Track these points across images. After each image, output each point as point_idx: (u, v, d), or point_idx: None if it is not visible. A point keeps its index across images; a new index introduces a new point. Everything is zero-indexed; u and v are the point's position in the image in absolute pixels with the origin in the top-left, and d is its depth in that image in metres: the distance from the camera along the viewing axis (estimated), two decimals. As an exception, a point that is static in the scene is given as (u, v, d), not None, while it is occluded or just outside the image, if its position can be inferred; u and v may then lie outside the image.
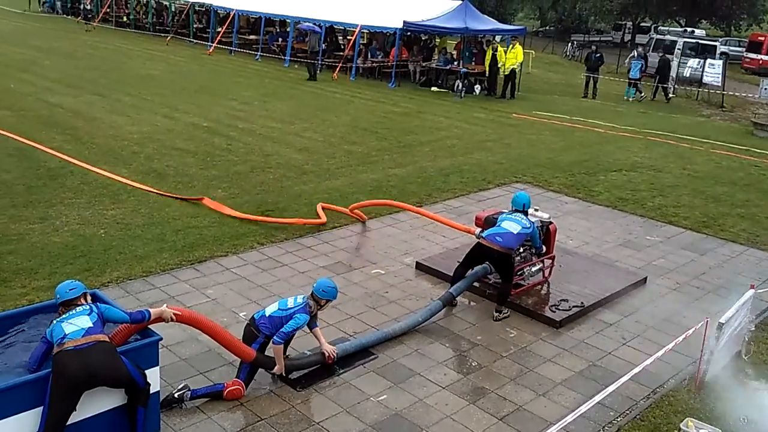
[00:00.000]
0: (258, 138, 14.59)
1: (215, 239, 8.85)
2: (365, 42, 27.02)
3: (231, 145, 13.76)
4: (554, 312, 7.39)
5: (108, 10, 37.43)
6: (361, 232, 9.64)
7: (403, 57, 24.78)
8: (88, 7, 39.12)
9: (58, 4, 44.02)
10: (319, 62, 24.99)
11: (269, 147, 13.88)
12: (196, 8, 32.23)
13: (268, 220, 9.57)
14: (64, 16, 41.62)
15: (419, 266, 8.51)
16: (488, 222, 7.79)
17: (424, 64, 24.94)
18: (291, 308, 5.69)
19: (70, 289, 4.82)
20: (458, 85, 22.14)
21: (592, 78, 24.96)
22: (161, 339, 5.14)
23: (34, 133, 13.44)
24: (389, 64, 24.25)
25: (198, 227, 9.22)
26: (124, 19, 37.44)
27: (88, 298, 4.93)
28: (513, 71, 22.28)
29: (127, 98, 17.89)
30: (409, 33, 24.68)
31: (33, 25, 36.23)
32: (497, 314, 7.29)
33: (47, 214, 9.33)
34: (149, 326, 5.15)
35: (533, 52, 33.06)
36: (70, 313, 4.69)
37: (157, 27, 34.84)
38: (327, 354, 6.00)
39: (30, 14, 42.34)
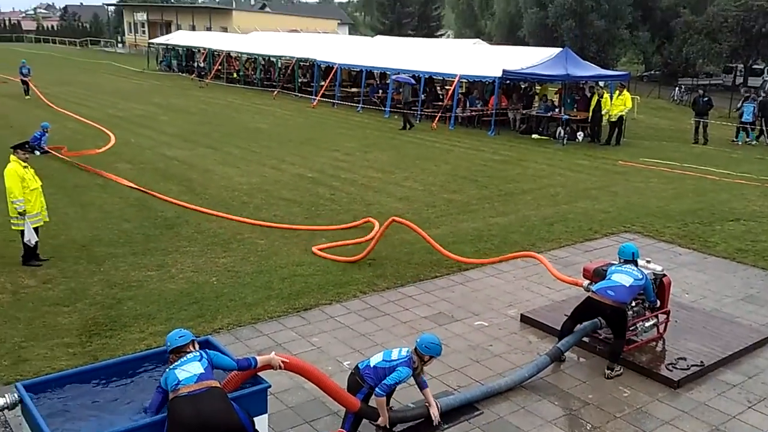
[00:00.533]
0: (360, 188, 14.92)
1: (320, 287, 9.05)
2: (464, 91, 27.28)
3: (334, 195, 14.14)
4: (671, 371, 6.99)
5: (219, 67, 39.93)
6: (463, 282, 9.57)
7: (503, 105, 24.81)
8: (202, 65, 41.85)
9: (174, 62, 47.40)
10: (418, 112, 25.44)
11: (370, 196, 14.15)
12: (301, 63, 33.77)
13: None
14: (180, 73, 44.68)
15: (524, 319, 8.32)
16: (597, 274, 7.55)
17: (524, 112, 24.84)
18: (395, 360, 5.67)
19: (179, 337, 5.04)
20: (560, 132, 21.85)
21: (701, 123, 23.96)
22: (270, 386, 5.26)
23: (152, 185, 14.36)
24: (488, 112, 24.32)
25: (303, 275, 9.47)
26: (234, 75, 39.77)
27: (196, 345, 5.12)
28: (620, 117, 21.79)
29: (237, 151, 18.83)
30: (508, 81, 24.73)
31: (152, 83, 39.07)
32: (609, 372, 6.98)
33: (164, 262, 9.87)
34: (258, 373, 5.28)
35: (638, 97, 32.18)
36: (182, 360, 4.88)
37: (265, 82, 36.77)
38: (433, 413, 5.91)
39: (149, 73, 45.75)
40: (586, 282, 7.58)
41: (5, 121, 22.42)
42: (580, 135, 22.35)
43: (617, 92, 22.09)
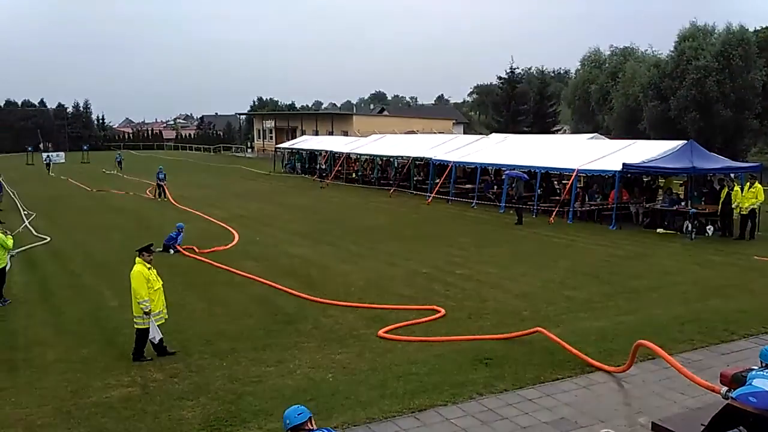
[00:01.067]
0: (475, 283, 14.76)
1: (435, 387, 8.87)
2: (582, 185, 26.83)
3: (449, 291, 14.05)
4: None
5: (340, 168, 41.78)
6: (587, 386, 9.06)
7: (624, 199, 24.09)
8: (323, 167, 43.94)
9: (298, 165, 50.12)
10: (534, 207, 25.19)
11: (486, 292, 13.95)
12: (417, 162, 34.69)
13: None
14: (303, 175, 47.10)
15: (656, 428, 7.69)
16: (736, 380, 6.92)
17: (647, 205, 23.96)
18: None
19: (298, 414, 5.12)
20: (688, 226, 20.80)
21: None
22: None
23: (274, 280, 14.90)
24: (609, 206, 23.66)
25: (418, 374, 9.34)
26: (353, 175, 41.41)
27: (314, 422, 5.17)
28: (752, 210, 20.53)
29: (354, 247, 19.32)
30: (629, 174, 24.11)
31: (277, 184, 41.38)
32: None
33: (283, 357, 10.09)
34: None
35: (773, 187, 30.27)
36: None
37: (382, 181, 37.98)
38: None
39: (274, 175, 48.57)
40: (724, 389, 6.96)
41: (144, 223, 24.35)
42: (710, 229, 21.17)
43: (748, 184, 20.91)
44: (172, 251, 18.37)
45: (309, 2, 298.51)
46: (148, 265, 10.17)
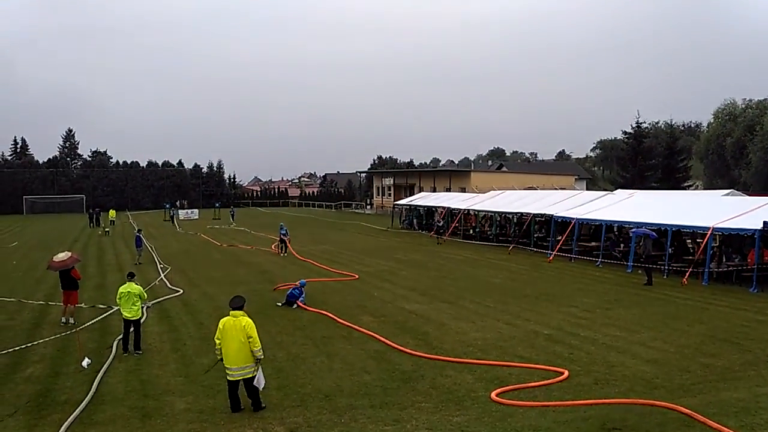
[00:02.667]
0: (600, 347, 14.09)
1: (558, 456, 8.45)
2: (717, 244, 25.19)
3: (573, 354, 13.48)
4: None
5: (457, 224, 41.75)
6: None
7: (766, 259, 22.34)
8: (440, 223, 44.06)
9: (415, 221, 50.63)
10: (665, 267, 23.87)
11: (613, 357, 13.26)
12: (537, 219, 34.04)
13: None
14: (420, 231, 47.46)
15: None
16: None
17: (793, 267, 22.08)
18: None
19: None
20: (843, 290, 18.91)
21: None
22: None
23: (391, 337, 14.96)
24: (749, 267, 22.00)
25: (540, 441, 8.94)
26: (471, 231, 41.21)
27: None
28: None
29: (471, 305, 19.06)
30: (771, 233, 22.40)
31: (394, 240, 41.89)
32: None
33: (400, 417, 10.02)
34: None
35: None
36: None
37: (500, 237, 37.51)
38: None
39: (391, 231, 49.26)
40: None
41: (267, 276, 25.32)
42: None
43: None
44: (294, 306, 18.93)
45: (427, 59, 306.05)
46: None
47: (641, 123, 66.45)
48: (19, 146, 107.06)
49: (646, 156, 64.77)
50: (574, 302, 19.28)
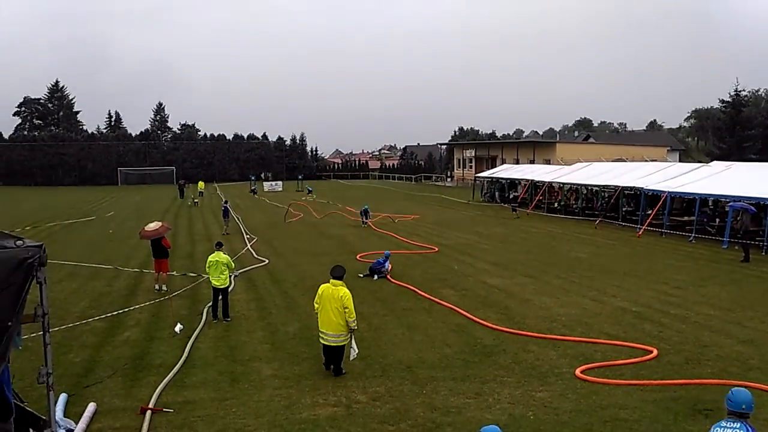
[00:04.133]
0: (692, 326, 13.58)
1: (646, 437, 8.25)
2: (825, 220, 23.65)
3: (662, 333, 13.06)
4: None
5: (541, 197, 40.96)
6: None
7: None
8: (511, 195, 43.12)
9: (497, 194, 49.98)
10: (764, 244, 22.66)
11: (706, 337, 12.75)
12: (626, 192, 32.92)
13: None
14: (502, 204, 46.83)
15: None
16: None
17: None
18: None
19: None
20: None
21: None
22: None
23: (472, 311, 14.93)
24: None
25: (627, 420, 8.75)
26: (555, 205, 40.35)
27: None
28: None
29: (556, 281, 18.74)
30: None
31: (474, 213, 41.57)
32: None
33: (481, 390, 10.02)
34: None
35: None
36: None
37: (586, 211, 36.55)
38: None
39: (473, 204, 48.87)
40: None
41: (348, 247, 25.67)
42: None
43: None
44: (376, 276, 19.14)
45: (512, 26, 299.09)
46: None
47: (740, 91, 62.90)
48: (113, 120, 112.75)
49: (745, 126, 61.40)
50: (665, 279, 18.64)
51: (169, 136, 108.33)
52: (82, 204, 54.04)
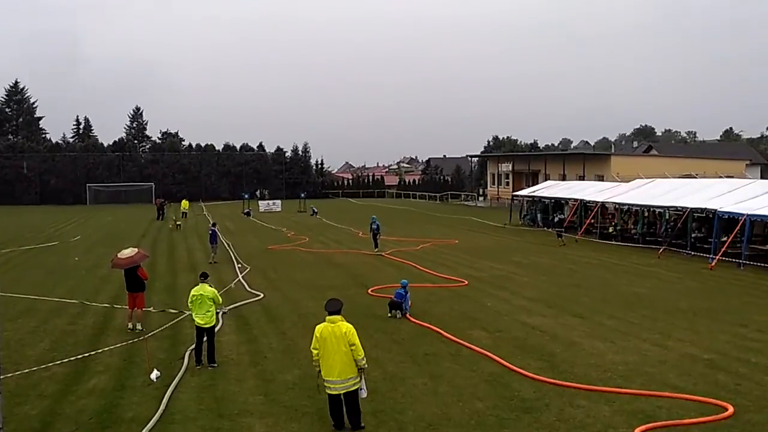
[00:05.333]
0: (779, 378, 13.41)
1: None
2: None
3: (740, 386, 12.91)
4: None
5: (592, 220, 40.82)
6: None
7: None
8: (557, 218, 43.00)
9: (539, 216, 49.91)
10: None
11: (795, 391, 12.58)
12: (696, 215, 32.74)
13: None
14: (545, 228, 46.72)
15: None
16: None
17: None
18: None
19: None
20: None
21: None
22: None
23: (509, 357, 14.85)
24: None
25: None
26: (610, 229, 40.19)
27: None
28: None
29: (610, 321, 18.61)
30: None
31: (512, 239, 41.53)
32: None
33: (519, 453, 9.92)
34: None
35: None
36: None
37: (647, 237, 36.40)
38: None
39: (510, 228, 48.84)
40: None
41: (360, 280, 25.69)
42: None
43: None
44: (399, 314, 19.06)
45: (555, 20, 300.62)
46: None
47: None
48: (82, 127, 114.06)
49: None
50: (743, 320, 18.46)
51: (148, 146, 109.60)
52: (44, 226, 54.67)
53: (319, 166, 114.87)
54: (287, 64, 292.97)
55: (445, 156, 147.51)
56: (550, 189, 51.16)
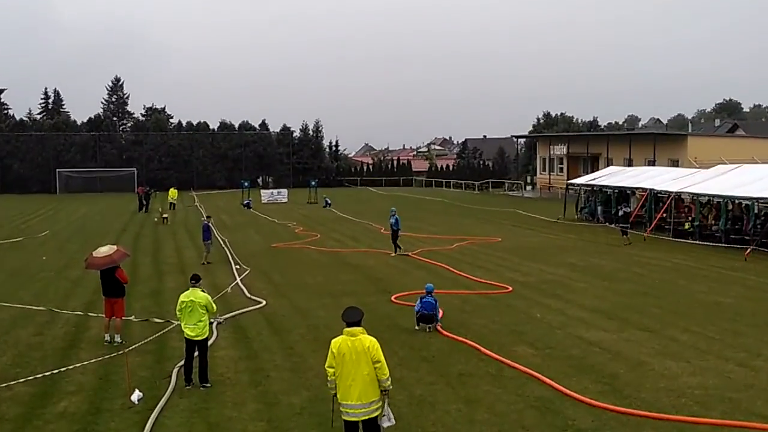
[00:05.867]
0: None
1: None
2: None
3: None
4: None
5: (664, 214, 40.51)
6: None
7: None
8: (622, 212, 42.60)
9: (600, 209, 49.55)
10: None
11: None
12: (790, 208, 32.42)
13: None
14: (606, 224, 46.44)
15: None
16: None
17: None
18: None
19: None
20: None
21: None
22: None
23: (561, 379, 14.78)
24: None
25: None
26: (686, 226, 39.87)
27: None
28: None
29: (685, 336, 18.50)
30: None
31: (566, 236, 41.38)
32: None
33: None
34: None
35: None
36: None
37: (732, 235, 36.04)
38: None
39: (565, 224, 48.62)
40: None
41: (381, 285, 25.69)
42: None
43: None
44: (429, 327, 19.01)
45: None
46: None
47: None
48: (50, 102, 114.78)
49: None
50: None
51: (129, 124, 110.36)
52: (5, 219, 55.27)
53: (334, 148, 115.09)
54: (298, 28, 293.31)
55: (485, 137, 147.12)
56: (613, 176, 50.84)
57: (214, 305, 15.44)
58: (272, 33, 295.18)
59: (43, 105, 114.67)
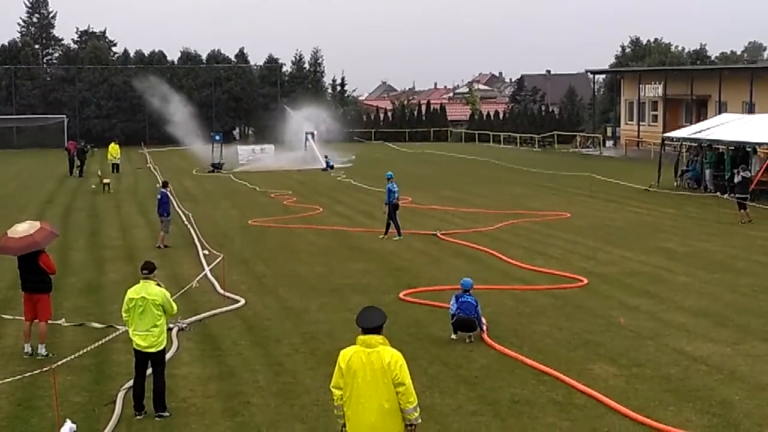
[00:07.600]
0: None
1: None
2: None
3: None
4: None
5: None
6: None
7: None
8: (750, 176, 42.43)
9: (708, 173, 49.03)
10: None
11: None
12: None
13: None
14: (717, 194, 46.05)
15: None
16: None
17: None
18: None
19: None
20: None
21: None
22: None
23: (654, 408, 14.78)
24: None
25: None
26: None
27: None
28: None
29: (824, 349, 18.45)
30: None
31: (662, 211, 41.19)
32: None
33: None
34: None
35: None
36: None
37: None
38: None
39: (659, 192, 48.22)
40: None
41: (399, 277, 25.71)
42: None
43: None
44: (470, 337, 18.91)
45: None
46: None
47: None
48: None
49: None
50: None
51: (57, 55, 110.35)
52: None
53: (339, 88, 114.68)
54: None
55: (548, 72, 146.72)
56: (727, 127, 50.51)
57: (173, 305, 15.45)
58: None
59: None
